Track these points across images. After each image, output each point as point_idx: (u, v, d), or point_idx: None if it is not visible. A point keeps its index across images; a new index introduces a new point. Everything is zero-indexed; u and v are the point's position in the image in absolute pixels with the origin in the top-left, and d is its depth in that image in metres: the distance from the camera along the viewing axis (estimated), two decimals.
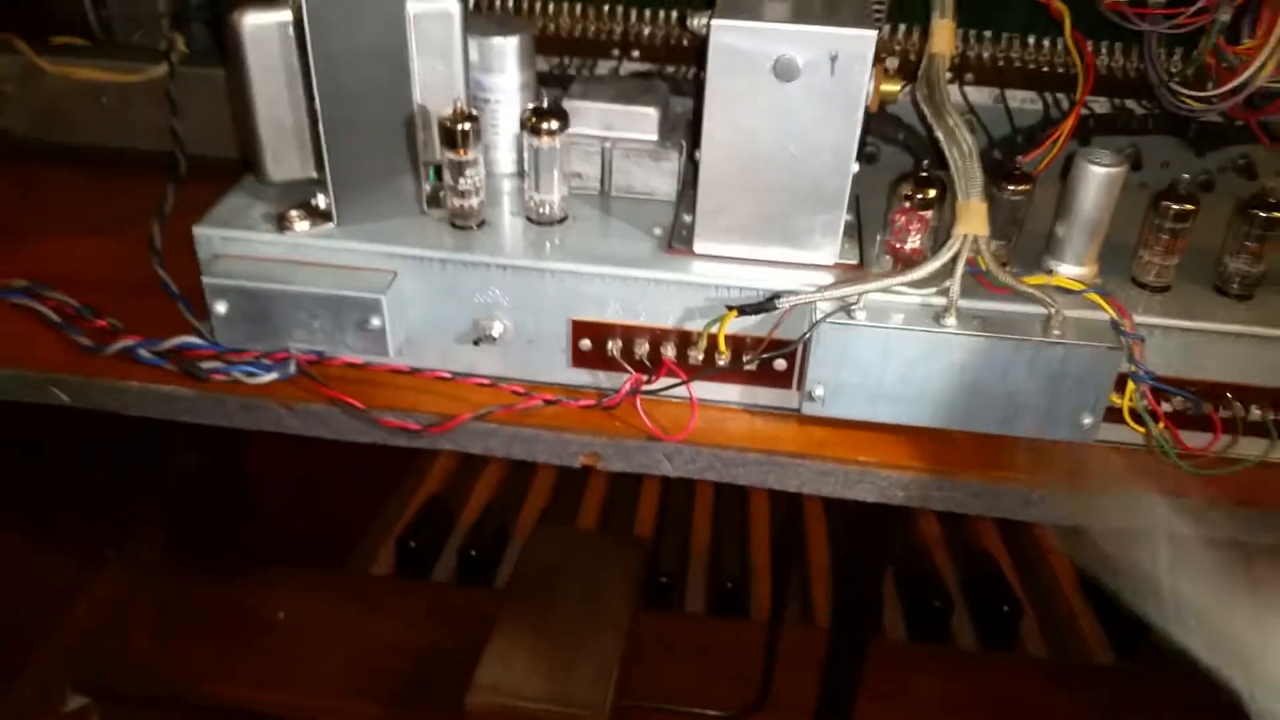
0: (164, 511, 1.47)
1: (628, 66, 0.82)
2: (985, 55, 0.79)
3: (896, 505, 0.64)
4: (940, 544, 1.54)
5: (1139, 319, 0.60)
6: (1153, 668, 1.34)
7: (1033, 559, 1.52)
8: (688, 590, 1.49)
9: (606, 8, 0.81)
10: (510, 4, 0.81)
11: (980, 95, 0.80)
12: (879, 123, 0.79)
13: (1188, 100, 0.67)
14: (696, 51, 0.67)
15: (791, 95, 0.57)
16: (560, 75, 0.83)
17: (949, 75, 0.78)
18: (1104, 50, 0.77)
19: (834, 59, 0.56)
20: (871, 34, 0.55)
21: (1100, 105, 0.79)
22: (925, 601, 1.42)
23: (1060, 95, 0.79)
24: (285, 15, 0.59)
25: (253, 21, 0.59)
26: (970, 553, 1.51)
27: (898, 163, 0.80)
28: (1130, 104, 0.79)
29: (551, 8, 0.81)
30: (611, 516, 1.62)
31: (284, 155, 0.64)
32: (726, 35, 0.56)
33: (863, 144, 0.76)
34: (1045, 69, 0.78)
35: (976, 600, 1.44)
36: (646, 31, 0.81)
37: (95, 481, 1.31)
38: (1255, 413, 0.61)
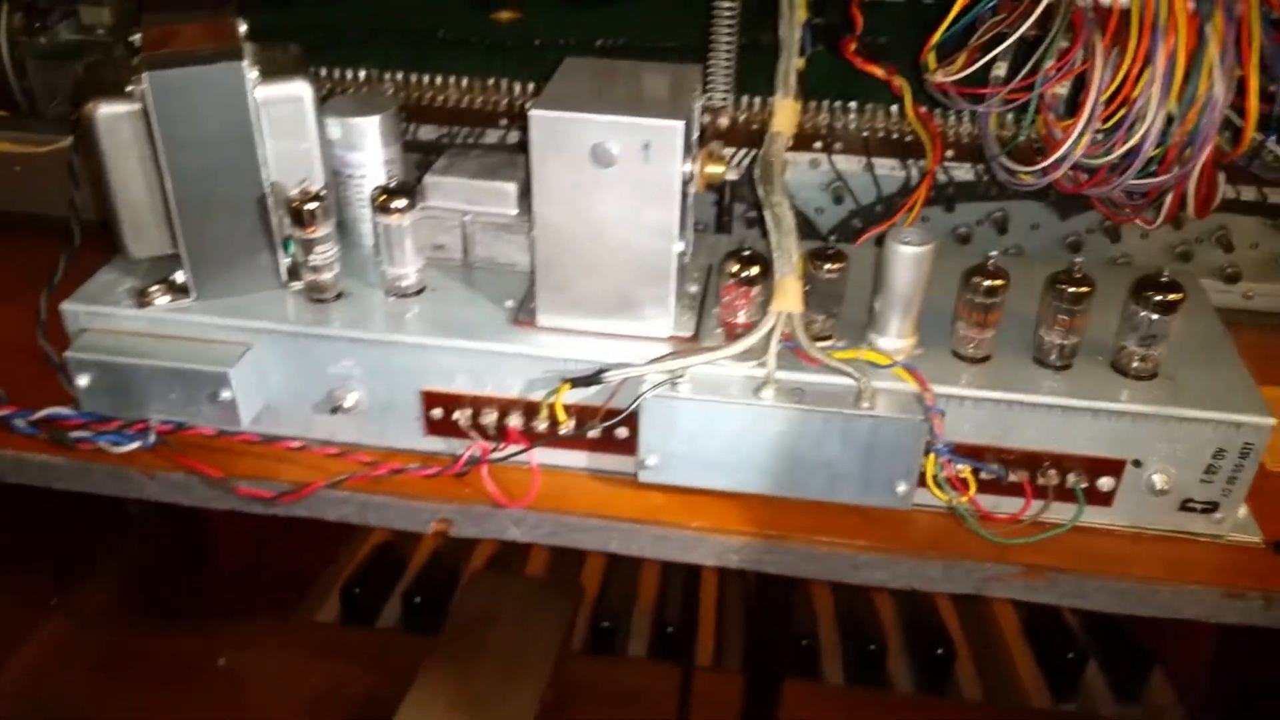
0: (114, 560, 1.49)
1: (515, 136, 0.85)
2: (851, 125, 0.82)
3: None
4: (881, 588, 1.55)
5: (958, 390, 0.62)
6: (1089, 712, 1.34)
7: (975, 600, 1.53)
8: (631, 635, 1.50)
9: (492, 80, 0.85)
10: (399, 76, 0.85)
11: (849, 163, 0.83)
12: (749, 190, 0.82)
13: (1020, 175, 0.70)
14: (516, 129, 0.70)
15: (611, 180, 0.60)
16: (449, 144, 0.86)
17: (818, 144, 0.81)
18: (963, 118, 0.79)
19: (646, 147, 0.59)
20: (679, 124, 0.58)
21: (963, 171, 0.82)
22: (862, 644, 1.43)
23: (923, 162, 0.81)
24: (136, 105, 0.62)
25: (105, 112, 0.63)
26: (910, 595, 1.51)
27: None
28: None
29: (439, 80, 0.85)
30: (560, 563, 1.63)
31: (144, 233, 0.67)
32: (545, 123, 0.59)
33: (728, 213, 0.80)
34: (907, 139, 0.81)
35: (913, 643, 1.44)
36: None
37: (42, 530, 1.34)
38: (1070, 479, 0.63)
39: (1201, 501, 0.63)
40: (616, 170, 0.60)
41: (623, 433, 0.66)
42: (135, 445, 0.68)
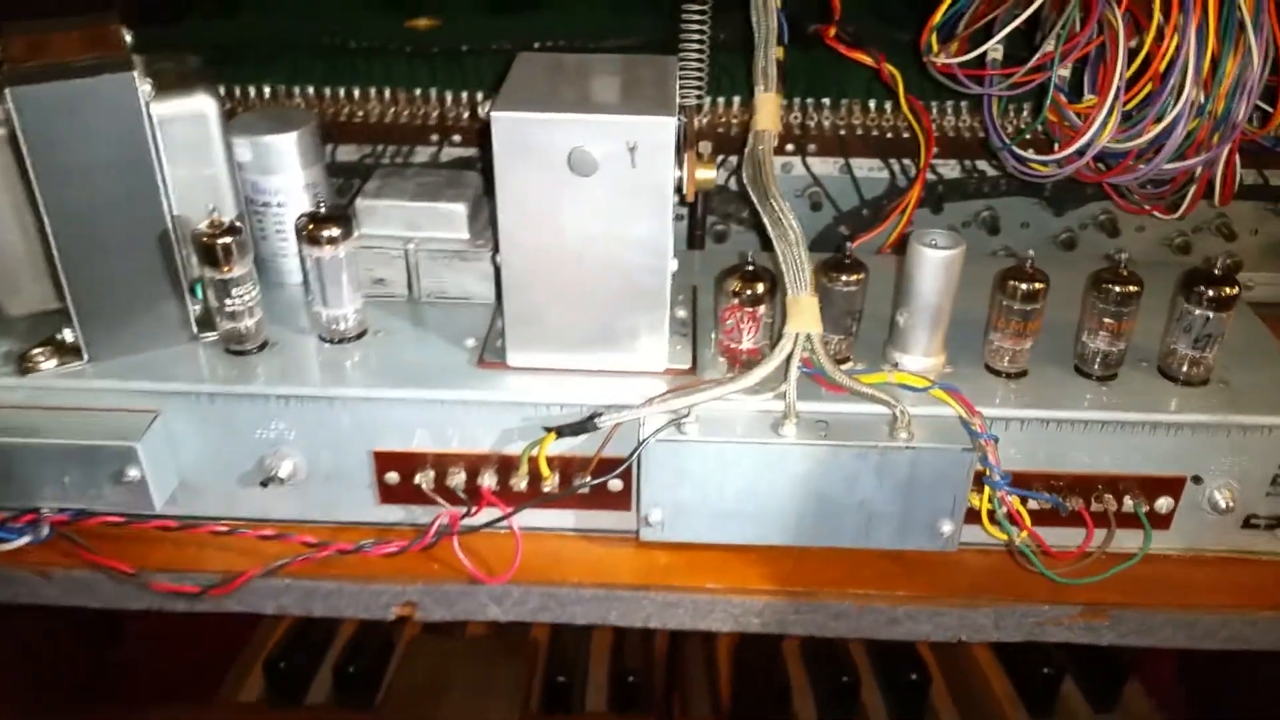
0: (16, 644, 1.33)
1: (450, 152, 0.75)
2: (826, 124, 0.74)
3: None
4: None
5: (996, 411, 0.55)
6: None
7: None
8: (589, 688, 1.40)
9: (419, 91, 0.74)
10: (310, 91, 0.74)
11: (825, 166, 0.75)
12: (720, 201, 0.74)
13: (1033, 165, 0.63)
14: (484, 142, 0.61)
15: (592, 190, 0.51)
16: (373, 165, 0.75)
17: (790, 147, 0.74)
18: (948, 111, 0.73)
19: (633, 149, 0.49)
20: (671, 120, 0.49)
21: (950, 169, 0.75)
22: (834, 677, 1.35)
23: (907, 161, 0.74)
24: (0, 128, 0.50)
25: None
26: None
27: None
28: (982, 165, 0.75)
29: (357, 93, 0.74)
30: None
31: (19, 285, 0.56)
32: (510, 127, 0.50)
33: (701, 226, 0.71)
34: (889, 135, 0.74)
35: (886, 671, 1.38)
36: (465, 115, 0.74)
37: None
38: (1128, 503, 0.56)
39: (1266, 517, 0.57)
40: (598, 178, 0.50)
41: (616, 485, 0.57)
42: (24, 540, 0.56)
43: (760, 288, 0.54)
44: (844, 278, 0.54)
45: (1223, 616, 0.56)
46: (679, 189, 0.54)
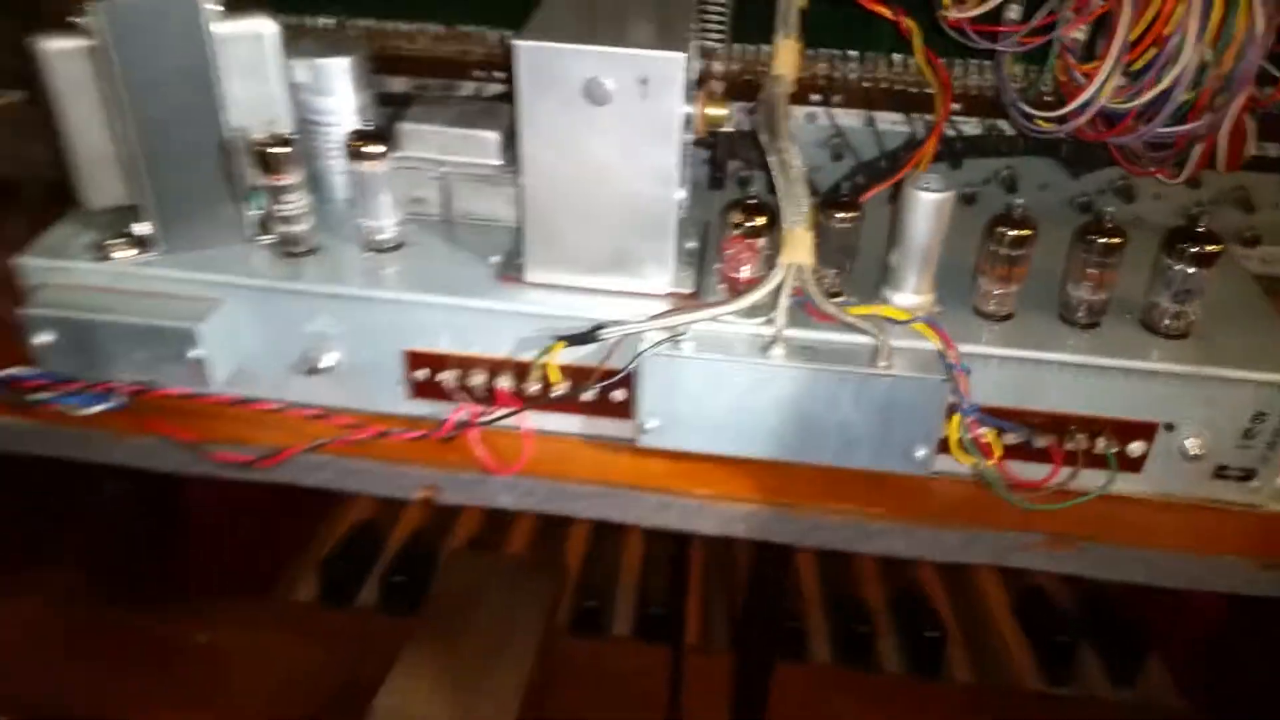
0: (86, 539, 1.45)
1: (493, 89, 0.80)
2: (852, 77, 0.77)
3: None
4: (870, 567, 1.52)
5: (978, 348, 0.58)
6: (1084, 695, 1.32)
7: (963, 582, 1.50)
8: (615, 616, 1.47)
9: (464, 29, 0.79)
10: (364, 24, 0.80)
11: (850, 118, 0.79)
12: (745, 147, 0.78)
13: (1039, 121, 0.66)
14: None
15: (605, 119, 0.56)
16: (420, 97, 0.81)
17: (815, 97, 0.77)
18: (971, 69, 0.75)
19: (644, 82, 0.54)
20: (680, 56, 0.54)
21: (971, 126, 0.78)
22: (851, 626, 1.40)
23: (930, 116, 0.77)
24: (87, 40, 0.57)
25: (55, 48, 0.57)
26: (899, 576, 1.49)
27: None
28: (1003, 124, 0.77)
29: (408, 28, 0.80)
30: (542, 542, 1.59)
31: (103, 182, 0.62)
32: (533, 57, 0.55)
33: (722, 169, 0.75)
34: (913, 90, 0.77)
35: (903, 625, 1.42)
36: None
37: (12, 509, 1.29)
38: (1100, 444, 0.59)
39: (1237, 468, 0.60)
40: (612, 108, 0.55)
41: (620, 395, 0.62)
42: (101, 407, 0.63)
43: (760, 220, 0.58)
44: (839, 215, 0.58)
45: (1186, 557, 0.59)
46: (690, 124, 0.59)
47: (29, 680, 1.27)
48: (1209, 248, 0.56)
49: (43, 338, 0.61)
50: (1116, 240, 0.57)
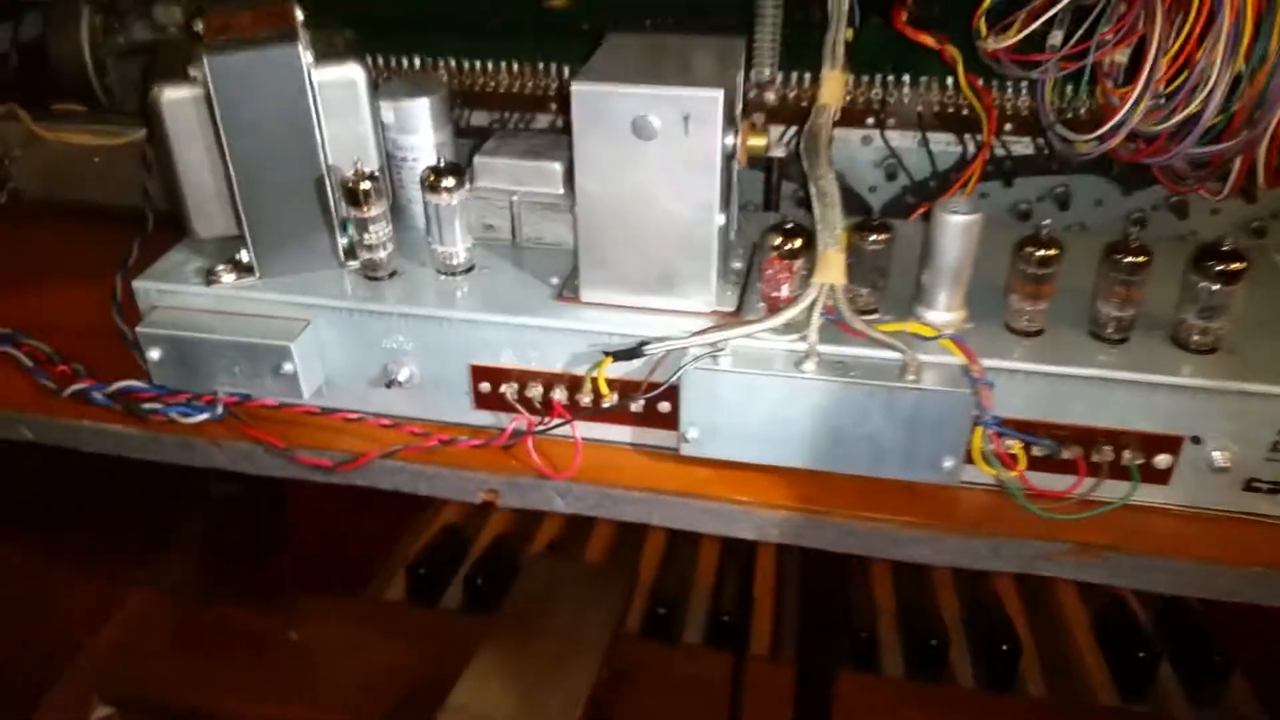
0: (197, 535, 1.56)
1: (564, 120, 0.86)
2: (905, 100, 0.81)
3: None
4: (945, 579, 1.53)
5: (1008, 364, 0.61)
6: (1160, 711, 1.30)
7: (1040, 595, 1.49)
8: (687, 623, 1.51)
9: (542, 65, 0.86)
10: (453, 63, 0.87)
11: (904, 139, 0.82)
12: (798, 169, 0.82)
13: (1076, 143, 0.68)
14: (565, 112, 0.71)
15: (652, 153, 0.61)
16: (500, 129, 0.88)
17: (870, 120, 0.81)
18: (1022, 91, 0.78)
19: (686, 119, 0.59)
20: (718, 94, 0.58)
21: (1023, 146, 0.80)
22: (923, 638, 1.40)
23: (980, 137, 0.80)
24: (199, 89, 0.65)
25: (170, 96, 0.65)
26: (974, 588, 1.48)
27: None
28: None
29: (489, 66, 0.86)
30: (620, 549, 1.64)
31: (209, 214, 0.70)
32: (586, 98, 0.60)
33: (776, 191, 0.80)
34: (964, 111, 0.80)
35: (977, 638, 1.42)
36: None
37: (130, 507, 1.40)
38: (1126, 456, 0.61)
39: (1268, 481, 0.61)
40: (658, 143, 0.60)
41: (665, 407, 0.67)
42: (204, 416, 0.71)
43: (797, 243, 0.62)
44: (872, 237, 0.62)
45: (1214, 567, 0.61)
46: (732, 155, 0.64)
47: (136, 667, 1.38)
48: (1233, 265, 0.58)
49: (154, 354, 0.69)
50: (1142, 259, 0.59)
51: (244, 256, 0.70)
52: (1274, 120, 0.63)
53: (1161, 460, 0.61)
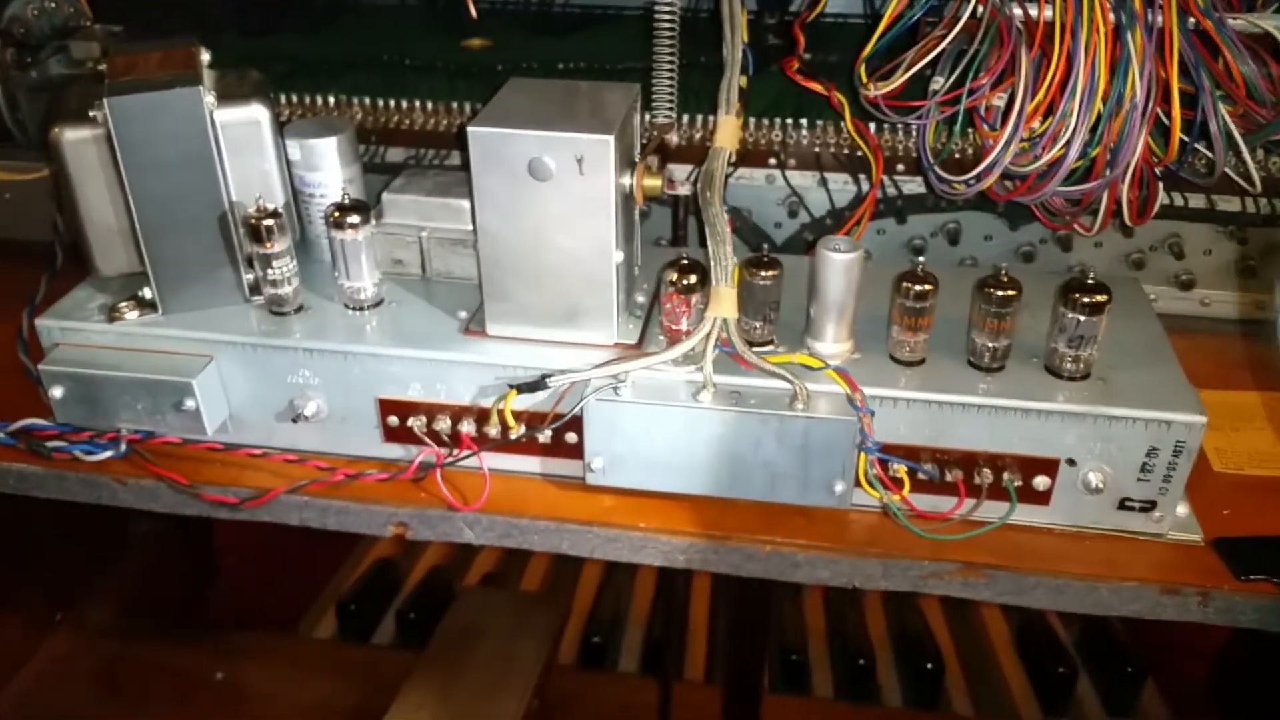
0: (118, 573, 1.53)
1: None
2: (804, 142, 0.84)
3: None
4: (874, 600, 1.56)
5: (891, 392, 0.64)
6: None
7: (964, 613, 1.53)
8: (622, 650, 1.51)
9: (457, 104, 0.87)
10: (367, 101, 0.88)
11: (804, 179, 0.85)
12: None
13: (953, 184, 0.71)
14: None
15: (548, 193, 0.63)
16: (415, 165, 0.89)
17: (772, 161, 0.84)
18: (905, 132, 0.81)
19: (580, 160, 0.61)
20: (609, 138, 0.60)
21: (914, 185, 0.84)
22: (851, 658, 1.43)
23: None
24: (100, 129, 0.65)
25: (70, 136, 0.66)
26: (900, 607, 1.52)
27: None
28: None
29: (404, 104, 0.88)
30: (557, 579, 1.65)
31: (112, 252, 0.71)
32: (483, 140, 0.62)
33: (682, 227, 0.82)
34: (858, 153, 0.83)
35: (903, 656, 1.44)
36: None
37: (47, 548, 1.38)
38: (1005, 478, 0.64)
39: (1139, 500, 0.64)
40: (554, 183, 0.62)
41: (573, 438, 0.68)
42: (107, 454, 0.71)
43: (692, 278, 0.65)
44: (762, 273, 0.65)
45: (1092, 584, 0.64)
46: (630, 194, 0.66)
47: (55, 712, 1.34)
48: (1097, 297, 0.62)
49: (56, 391, 0.69)
50: (1011, 292, 0.62)
51: (147, 293, 0.71)
52: (1133, 161, 0.67)
53: (1040, 482, 0.64)
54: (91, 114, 0.64)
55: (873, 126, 0.79)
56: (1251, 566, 0.62)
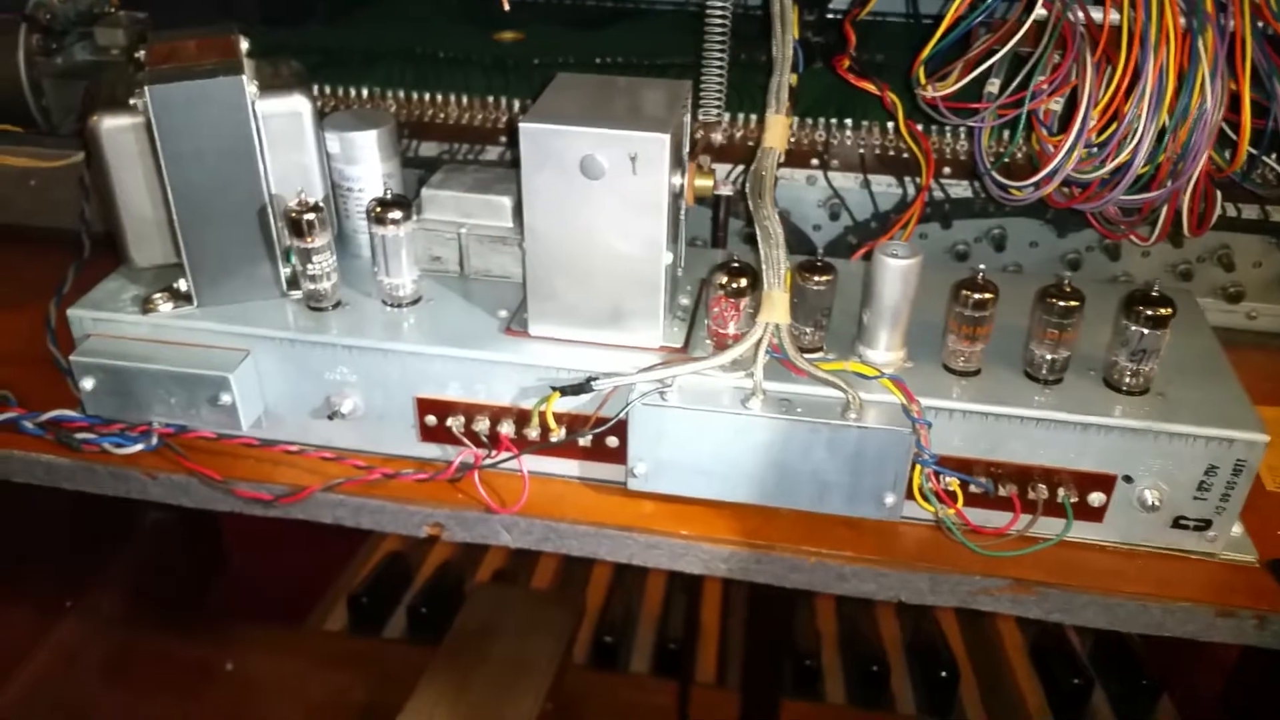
0: (127, 565, 1.52)
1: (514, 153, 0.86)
2: (849, 143, 0.82)
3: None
4: (887, 608, 1.54)
5: (945, 404, 0.62)
6: None
7: (979, 622, 1.52)
8: (634, 651, 1.50)
9: (492, 98, 0.86)
10: (401, 94, 0.86)
11: (846, 180, 0.84)
12: (742, 206, 0.83)
13: (1011, 189, 0.70)
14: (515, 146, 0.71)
15: (599, 191, 0.61)
16: (450, 160, 0.88)
17: (814, 162, 0.82)
18: (960, 135, 0.80)
19: (634, 159, 0.59)
20: (665, 137, 0.59)
21: (961, 189, 0.82)
22: (865, 665, 1.42)
23: (920, 180, 0.82)
24: (139, 118, 0.64)
25: (109, 124, 0.64)
26: (915, 616, 1.50)
27: None
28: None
29: (439, 98, 0.86)
30: (566, 577, 1.63)
31: (147, 243, 0.69)
32: (535, 136, 0.60)
33: (723, 229, 0.81)
34: (905, 155, 0.81)
35: (917, 665, 1.43)
36: None
37: (58, 535, 1.36)
38: (1060, 494, 0.63)
39: (1194, 519, 0.63)
40: (605, 182, 0.61)
41: (614, 442, 0.67)
42: (138, 447, 0.69)
43: (743, 282, 0.63)
44: (815, 278, 0.63)
45: (1144, 603, 0.62)
46: (680, 194, 0.64)
47: (64, 700, 1.33)
48: (1162, 310, 0.60)
49: (87, 383, 0.68)
50: (1074, 303, 0.61)
51: (182, 285, 0.69)
52: (1197, 171, 0.65)
53: (1095, 498, 0.63)
54: (132, 102, 0.63)
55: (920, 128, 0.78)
56: None
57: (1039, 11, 0.63)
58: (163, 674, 1.39)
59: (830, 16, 0.88)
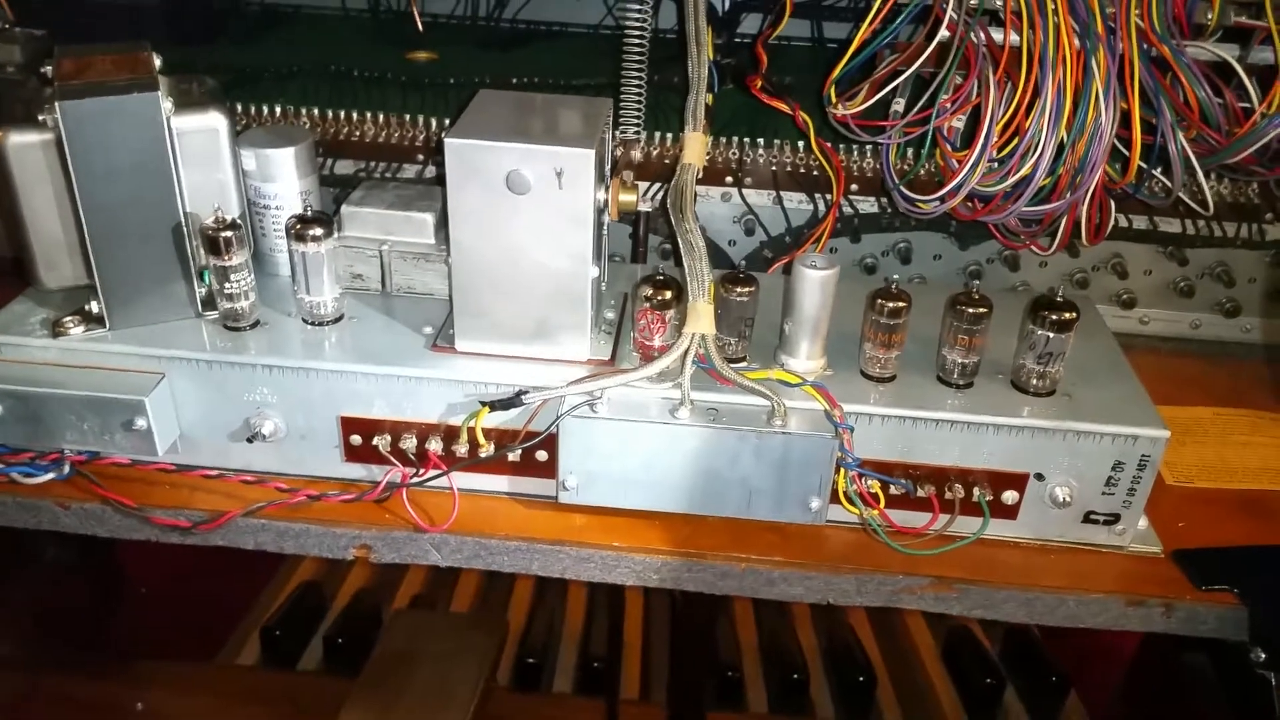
0: (26, 601, 1.44)
1: (433, 171, 0.86)
2: (761, 161, 0.84)
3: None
4: (804, 614, 1.57)
5: (864, 409, 0.64)
6: None
7: (891, 626, 1.55)
8: (557, 671, 1.49)
9: (409, 116, 0.86)
10: (316, 112, 0.85)
11: (759, 197, 0.86)
12: (664, 223, 0.84)
13: (919, 203, 0.73)
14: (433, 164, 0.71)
15: (526, 206, 0.62)
16: (367, 178, 0.87)
17: (729, 179, 0.84)
18: (867, 153, 0.83)
19: (559, 174, 0.60)
20: (590, 152, 0.60)
21: (869, 205, 0.85)
22: (785, 674, 1.44)
23: (830, 196, 0.84)
24: (48, 134, 0.62)
25: (15, 141, 0.62)
26: (829, 621, 1.53)
27: None
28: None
29: (356, 115, 0.86)
30: (487, 599, 1.62)
31: (56, 263, 0.67)
32: (460, 151, 0.61)
33: (644, 244, 0.82)
34: (815, 173, 0.84)
35: (835, 670, 1.46)
36: None
37: None
38: (976, 493, 0.65)
39: (1103, 513, 0.66)
40: (531, 197, 0.61)
41: (543, 456, 0.67)
42: (49, 476, 0.67)
43: (668, 294, 0.64)
44: (738, 289, 0.65)
45: (1060, 596, 0.65)
46: (604, 209, 0.65)
47: None
48: (1066, 315, 0.63)
49: None
50: (983, 309, 0.64)
51: (94, 307, 0.67)
52: (1094, 183, 0.69)
53: (1009, 496, 0.66)
54: (41, 118, 0.61)
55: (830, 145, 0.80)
56: (1210, 576, 0.64)
57: (943, 33, 0.66)
58: (68, 717, 1.33)
59: (738, 40, 0.91)
